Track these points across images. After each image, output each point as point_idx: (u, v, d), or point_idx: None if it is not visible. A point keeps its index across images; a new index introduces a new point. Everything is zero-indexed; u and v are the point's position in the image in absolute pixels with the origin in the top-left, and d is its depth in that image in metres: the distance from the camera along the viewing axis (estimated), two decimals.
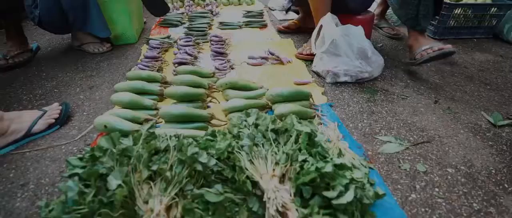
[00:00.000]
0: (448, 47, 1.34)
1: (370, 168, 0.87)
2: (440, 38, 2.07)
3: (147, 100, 1.08)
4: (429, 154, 0.97)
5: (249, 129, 0.78)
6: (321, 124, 1.04)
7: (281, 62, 1.52)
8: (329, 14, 1.38)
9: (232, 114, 1.03)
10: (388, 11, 2.30)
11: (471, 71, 1.58)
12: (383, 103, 1.25)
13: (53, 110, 1.07)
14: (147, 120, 0.99)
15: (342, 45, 1.31)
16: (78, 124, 1.09)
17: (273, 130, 0.77)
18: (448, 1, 1.95)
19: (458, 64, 1.68)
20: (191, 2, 2.57)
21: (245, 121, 0.81)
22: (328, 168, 0.64)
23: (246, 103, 1.05)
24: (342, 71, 1.34)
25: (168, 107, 0.98)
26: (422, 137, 1.05)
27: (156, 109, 1.09)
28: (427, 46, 1.39)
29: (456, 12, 1.96)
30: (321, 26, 1.39)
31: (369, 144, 1.01)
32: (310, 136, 0.76)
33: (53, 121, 1.05)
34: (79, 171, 0.67)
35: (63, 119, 1.08)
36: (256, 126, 0.79)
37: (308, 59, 1.60)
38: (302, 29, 2.07)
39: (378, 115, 1.17)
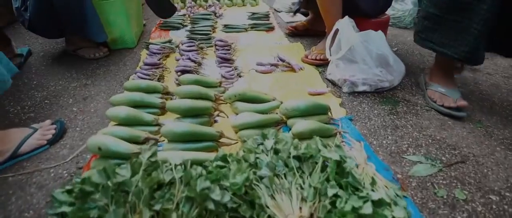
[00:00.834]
0: (461, 108, 1.11)
1: (404, 196, 0.76)
2: None
3: (147, 116, 0.98)
4: (466, 177, 0.86)
5: (267, 155, 0.67)
6: (343, 142, 0.93)
7: (293, 69, 1.41)
8: (346, 18, 1.27)
9: (243, 132, 0.93)
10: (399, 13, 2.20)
11: (496, 79, 1.47)
12: (406, 116, 1.14)
13: (45, 129, 0.97)
14: (147, 139, 0.88)
15: (361, 51, 1.20)
16: (70, 142, 0.98)
17: (295, 157, 0.66)
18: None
19: (480, 70, 1.57)
20: (192, 3, 2.46)
21: (262, 144, 0.71)
22: (367, 209, 0.54)
23: (259, 120, 0.94)
24: (360, 80, 1.23)
25: (171, 125, 0.87)
26: (455, 156, 0.94)
27: (158, 124, 0.98)
28: (442, 90, 1.17)
29: None
30: (337, 30, 1.28)
31: (397, 164, 0.91)
32: (340, 164, 0.65)
33: (45, 142, 0.95)
34: (67, 209, 0.57)
35: (55, 140, 0.97)
36: (276, 151, 0.68)
37: (316, 64, 1.49)
38: (310, 32, 1.96)
39: (403, 129, 1.06)
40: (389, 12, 1.75)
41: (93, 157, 0.88)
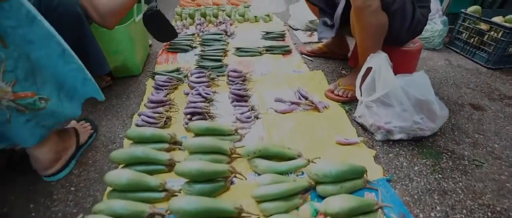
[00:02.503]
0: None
1: None
2: (495, 68, 1.80)
3: (152, 180, 0.85)
4: None
5: None
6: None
7: (316, 108, 1.26)
8: (382, 54, 1.12)
9: (266, 205, 0.79)
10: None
11: None
12: (454, 174, 0.99)
13: (80, 125, 1.13)
14: (152, 216, 0.75)
15: (399, 95, 1.05)
16: (61, 207, 0.86)
17: None
18: (509, 25, 1.68)
19: None
20: (202, 19, 2.33)
21: None
22: None
23: (285, 190, 0.80)
24: (397, 128, 1.08)
25: (181, 201, 0.73)
26: None
27: (165, 190, 0.85)
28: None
29: None
30: (370, 68, 1.13)
31: None
32: None
33: (91, 131, 1.13)
34: None
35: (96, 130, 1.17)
36: None
37: (342, 101, 1.34)
38: (328, 54, 1.82)
39: (452, 196, 0.91)
40: None
41: None
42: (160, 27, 1.52)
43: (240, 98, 1.29)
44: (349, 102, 1.35)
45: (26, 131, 0.82)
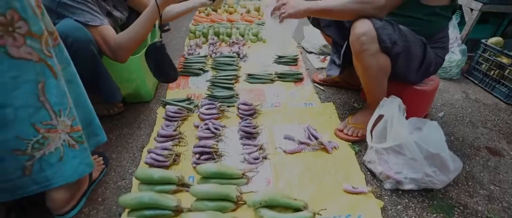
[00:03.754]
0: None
1: None
2: None
3: None
4: None
5: None
6: None
7: (325, 149, 1.26)
8: (395, 101, 1.11)
9: None
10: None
11: None
12: None
13: (96, 159, 1.16)
14: None
15: (411, 148, 1.04)
16: None
17: None
18: None
19: None
20: (215, 38, 2.37)
21: None
22: None
23: None
24: (407, 180, 1.07)
25: None
26: None
27: None
28: None
29: None
30: (381, 116, 1.13)
31: None
32: None
33: (103, 166, 1.16)
34: None
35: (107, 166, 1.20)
36: None
37: (352, 140, 1.34)
38: (340, 84, 1.81)
39: None
40: None
41: None
42: (160, 64, 1.43)
43: (249, 135, 1.30)
44: (359, 141, 1.35)
45: (70, 169, 0.88)
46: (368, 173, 1.20)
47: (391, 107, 1.11)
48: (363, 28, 1.11)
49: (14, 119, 0.74)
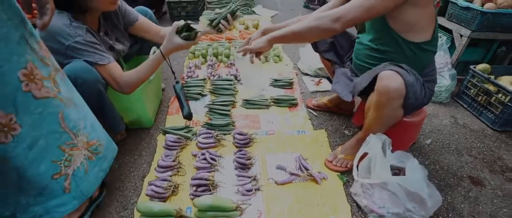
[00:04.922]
0: None
1: None
2: (501, 130, 1.84)
3: None
4: None
5: None
6: None
7: (314, 180, 1.36)
8: (381, 138, 1.20)
9: None
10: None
11: None
12: None
13: None
14: None
15: (393, 185, 1.13)
16: None
17: None
18: None
19: None
20: (214, 59, 2.47)
21: None
22: None
23: None
24: (390, 214, 1.16)
25: None
26: None
27: None
28: None
29: None
30: (366, 153, 1.22)
31: None
32: None
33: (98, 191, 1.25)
34: None
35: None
36: None
37: (340, 171, 1.43)
38: (332, 109, 1.90)
39: None
40: None
41: None
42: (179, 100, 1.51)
43: (243, 166, 1.40)
44: (348, 171, 1.44)
45: (93, 177, 1.06)
46: (354, 204, 1.29)
47: (375, 146, 1.21)
48: (395, 83, 1.12)
49: (47, 147, 0.90)
